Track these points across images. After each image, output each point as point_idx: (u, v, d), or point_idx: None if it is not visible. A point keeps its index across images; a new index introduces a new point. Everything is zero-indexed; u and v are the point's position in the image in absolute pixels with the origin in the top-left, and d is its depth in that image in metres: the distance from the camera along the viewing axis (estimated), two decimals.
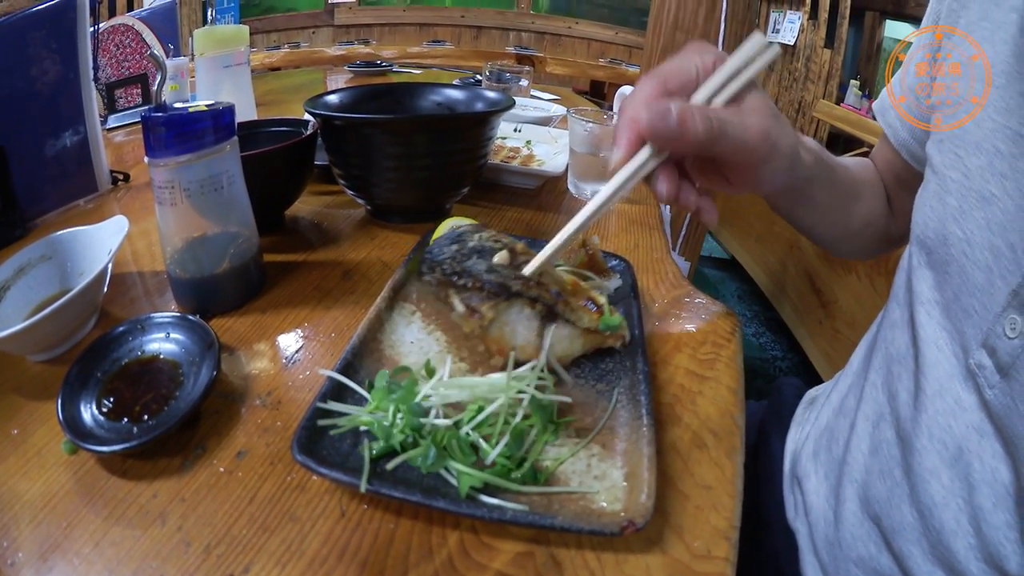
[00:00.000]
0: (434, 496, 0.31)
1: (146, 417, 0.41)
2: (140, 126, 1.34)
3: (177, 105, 0.52)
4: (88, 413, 0.42)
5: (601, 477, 0.34)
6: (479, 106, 0.71)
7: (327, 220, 0.72)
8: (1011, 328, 0.47)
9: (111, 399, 0.42)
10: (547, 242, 0.45)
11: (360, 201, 0.71)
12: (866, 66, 4.91)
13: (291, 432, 0.37)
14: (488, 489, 0.32)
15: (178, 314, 0.48)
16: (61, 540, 0.34)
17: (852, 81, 4.59)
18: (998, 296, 0.48)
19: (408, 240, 0.65)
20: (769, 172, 0.48)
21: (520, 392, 0.36)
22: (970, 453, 0.50)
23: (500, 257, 0.44)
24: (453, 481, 0.33)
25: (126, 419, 0.41)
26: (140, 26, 1.46)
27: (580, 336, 0.43)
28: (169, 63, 1.40)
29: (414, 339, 0.46)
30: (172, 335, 0.47)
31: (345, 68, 2.18)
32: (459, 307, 0.42)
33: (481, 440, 0.34)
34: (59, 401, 0.41)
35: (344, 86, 0.76)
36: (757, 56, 0.41)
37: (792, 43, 5.00)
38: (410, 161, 0.64)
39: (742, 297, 2.94)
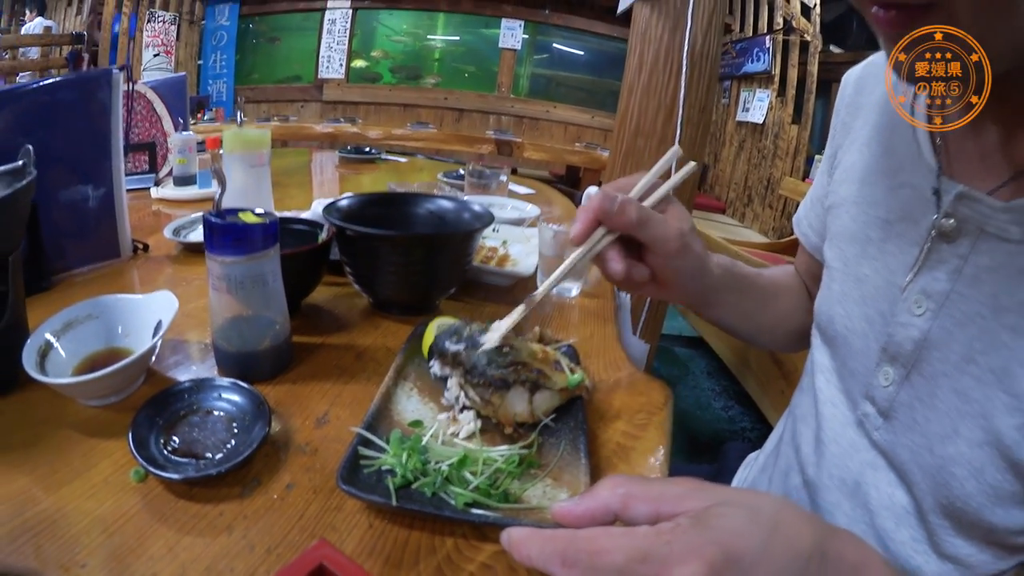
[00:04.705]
0: (441, 508, 0.47)
1: (209, 455, 0.53)
2: (146, 192, 1.48)
3: (229, 207, 0.67)
4: (156, 450, 0.53)
5: (553, 498, 0.50)
6: (466, 216, 0.90)
7: (338, 308, 0.88)
8: (884, 378, 0.59)
9: (176, 440, 0.55)
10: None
11: (364, 295, 0.88)
12: None
13: (329, 471, 0.53)
14: (475, 505, 0.48)
15: (231, 380, 0.62)
16: (135, 546, 0.44)
17: (817, 156, 4.87)
18: (872, 355, 0.60)
19: (405, 330, 0.80)
20: (683, 269, 0.61)
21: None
22: (867, 484, 0.60)
23: (491, 342, 0.60)
24: (450, 502, 0.48)
25: (191, 458, 0.53)
26: (152, 95, 1.60)
27: (557, 394, 0.60)
28: (178, 137, 1.55)
29: (414, 409, 0.63)
30: (224, 395, 0.60)
31: (337, 153, 2.38)
32: (476, 398, 0.59)
33: (468, 474, 0.50)
34: (130, 437, 0.52)
35: (344, 189, 0.93)
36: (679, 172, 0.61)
37: (761, 121, 5.24)
38: (408, 267, 0.81)
39: (711, 373, 3.12)
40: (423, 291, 0.86)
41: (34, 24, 5.98)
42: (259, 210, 0.67)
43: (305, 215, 1.05)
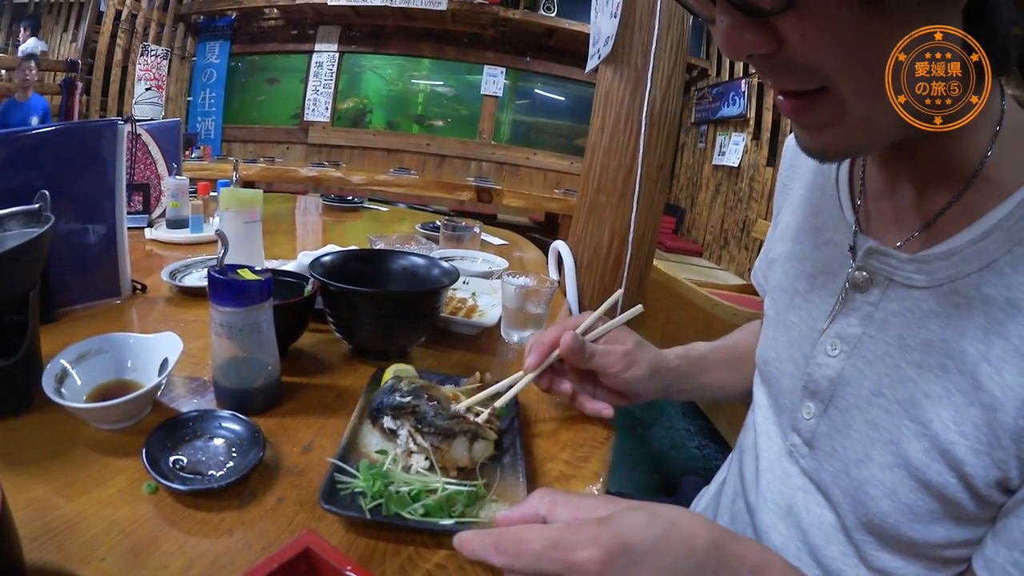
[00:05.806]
0: (404, 521, 0.59)
1: (212, 473, 0.63)
2: (139, 232, 1.62)
3: (229, 263, 0.78)
4: (166, 467, 0.62)
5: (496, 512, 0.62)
6: (435, 273, 1.04)
7: (321, 353, 1.00)
8: (807, 412, 0.65)
9: (183, 460, 0.64)
10: (464, 378, 0.81)
11: (344, 341, 1.00)
12: None
13: (314, 489, 0.64)
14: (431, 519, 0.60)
15: (230, 412, 0.72)
16: (149, 544, 0.53)
17: None
18: (797, 392, 0.67)
19: None
20: (635, 378, 0.77)
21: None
22: (798, 506, 0.66)
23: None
24: (410, 517, 0.60)
25: (196, 474, 0.62)
26: (147, 137, 1.69)
27: (491, 444, 0.72)
28: (171, 181, 1.64)
29: (378, 441, 0.73)
30: (224, 425, 0.70)
31: (320, 199, 2.49)
32: (427, 445, 0.69)
33: (426, 498, 0.62)
34: (144, 455, 0.61)
35: (328, 238, 1.05)
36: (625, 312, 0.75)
37: (737, 165, 5.35)
38: (383, 319, 0.94)
39: (686, 414, 3.26)
40: (396, 340, 0.98)
41: (28, 46, 6.05)
42: (257, 267, 0.79)
43: (291, 266, 1.17)
